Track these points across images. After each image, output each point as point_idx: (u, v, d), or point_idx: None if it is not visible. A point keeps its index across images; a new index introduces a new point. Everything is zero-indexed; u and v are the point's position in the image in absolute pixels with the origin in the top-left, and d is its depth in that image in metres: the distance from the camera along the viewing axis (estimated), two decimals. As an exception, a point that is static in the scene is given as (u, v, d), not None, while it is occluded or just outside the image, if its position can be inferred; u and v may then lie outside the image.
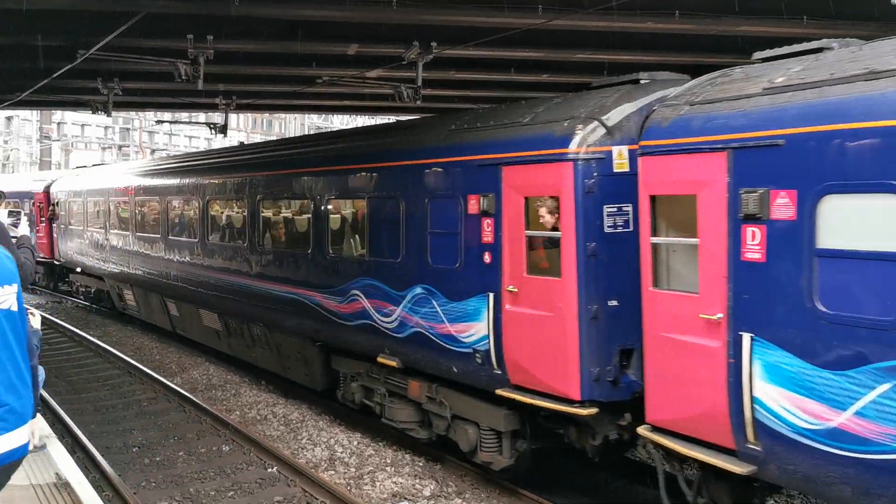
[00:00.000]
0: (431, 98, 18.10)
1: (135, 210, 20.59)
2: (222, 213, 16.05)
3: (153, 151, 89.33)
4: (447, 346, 9.66)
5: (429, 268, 9.99)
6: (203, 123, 23.37)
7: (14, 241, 7.22)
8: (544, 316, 8.41)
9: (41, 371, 8.65)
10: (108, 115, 17.43)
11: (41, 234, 29.33)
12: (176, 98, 19.54)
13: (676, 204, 7.35)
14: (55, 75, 14.49)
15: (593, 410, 8.12)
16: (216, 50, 12.59)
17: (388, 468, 10.74)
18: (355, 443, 11.75)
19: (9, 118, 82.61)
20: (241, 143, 22.97)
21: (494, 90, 18.50)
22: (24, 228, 7.97)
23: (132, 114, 75.62)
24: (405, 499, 9.81)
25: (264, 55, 14.75)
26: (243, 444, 11.78)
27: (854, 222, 5.87)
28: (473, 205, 9.28)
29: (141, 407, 14.24)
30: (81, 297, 27.37)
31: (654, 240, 7.41)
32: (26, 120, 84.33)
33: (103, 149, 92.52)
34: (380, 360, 10.96)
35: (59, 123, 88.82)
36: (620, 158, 8.25)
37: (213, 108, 20.07)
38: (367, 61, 14.61)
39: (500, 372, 8.99)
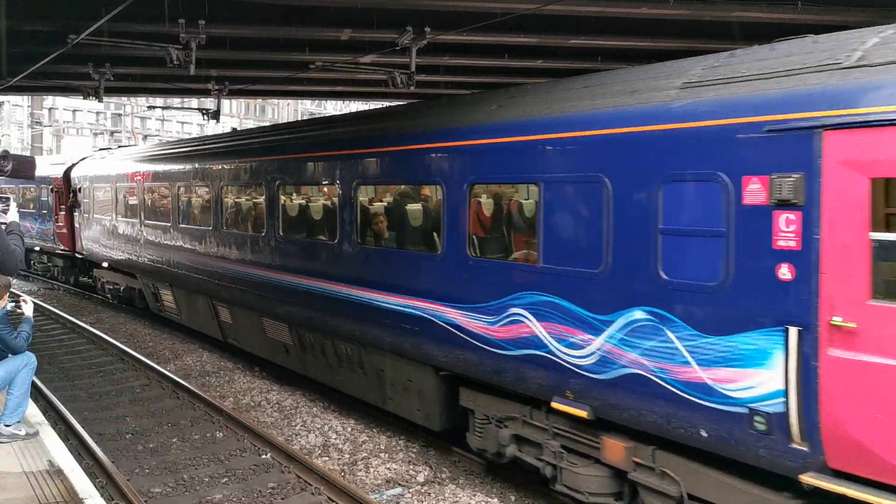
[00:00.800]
0: (425, 84, 18.05)
1: (177, 198, 17.79)
2: (299, 202, 13.36)
3: (145, 137, 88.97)
4: (694, 400, 6.93)
5: (660, 283, 7.16)
6: (195, 109, 23.18)
7: (3, 227, 7.20)
8: None
9: (33, 358, 8.66)
10: (100, 100, 17.38)
11: (61, 224, 26.58)
12: (168, 83, 19.46)
13: None
14: (46, 60, 14.39)
15: None
16: (208, 35, 12.55)
17: (382, 454, 10.77)
18: (349, 429, 11.77)
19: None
20: (320, 117, 20.26)
21: (488, 76, 18.48)
22: (13, 214, 7.93)
23: (124, 99, 75.34)
24: (399, 485, 9.83)
25: (257, 40, 14.69)
26: (237, 430, 11.78)
27: None
28: (756, 191, 6.46)
29: (134, 394, 14.22)
30: (108, 295, 24.30)
31: None
32: (17, 105, 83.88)
33: (95, 134, 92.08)
34: (556, 406, 8.19)
35: (50, 109, 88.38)
36: None
37: (205, 93, 19.98)
38: (361, 47, 14.57)
39: (805, 448, 6.20)
